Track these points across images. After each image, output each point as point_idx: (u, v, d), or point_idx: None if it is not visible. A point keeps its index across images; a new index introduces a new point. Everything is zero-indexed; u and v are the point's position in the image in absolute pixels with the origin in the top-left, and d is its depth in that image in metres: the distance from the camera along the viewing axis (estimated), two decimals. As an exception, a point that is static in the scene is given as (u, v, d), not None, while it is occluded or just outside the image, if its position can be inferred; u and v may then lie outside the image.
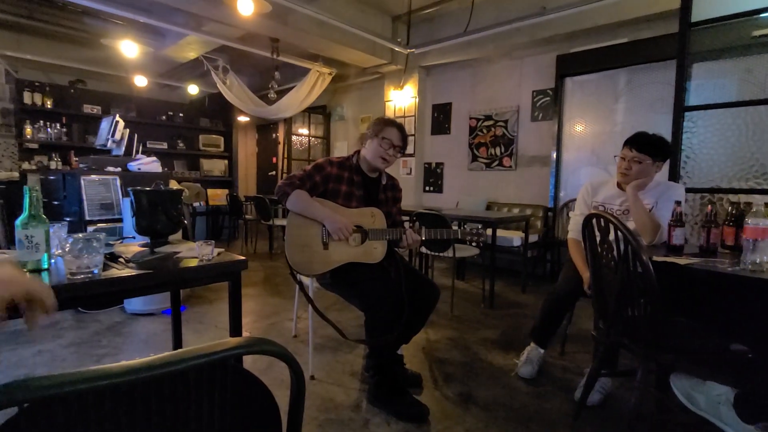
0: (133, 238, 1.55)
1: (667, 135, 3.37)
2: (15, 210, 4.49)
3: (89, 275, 1.00)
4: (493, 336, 2.71)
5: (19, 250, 1.03)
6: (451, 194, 5.36)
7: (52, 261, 1.11)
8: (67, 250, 0.99)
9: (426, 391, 1.99)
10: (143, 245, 1.43)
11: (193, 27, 4.41)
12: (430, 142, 5.59)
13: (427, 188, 5.66)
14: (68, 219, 3.20)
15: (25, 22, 4.78)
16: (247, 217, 5.85)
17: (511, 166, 4.75)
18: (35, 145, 5.50)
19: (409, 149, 5.56)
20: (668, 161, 2.16)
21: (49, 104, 5.59)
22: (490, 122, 4.91)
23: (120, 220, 3.08)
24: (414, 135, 5.48)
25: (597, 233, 1.53)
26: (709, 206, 1.76)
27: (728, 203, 2.33)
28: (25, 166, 5.43)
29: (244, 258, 1.28)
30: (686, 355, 1.34)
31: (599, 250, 1.51)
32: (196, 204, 6.07)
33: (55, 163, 5.56)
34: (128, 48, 4.62)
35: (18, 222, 1.03)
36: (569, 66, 4.18)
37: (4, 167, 5.45)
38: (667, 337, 1.38)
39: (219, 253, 1.32)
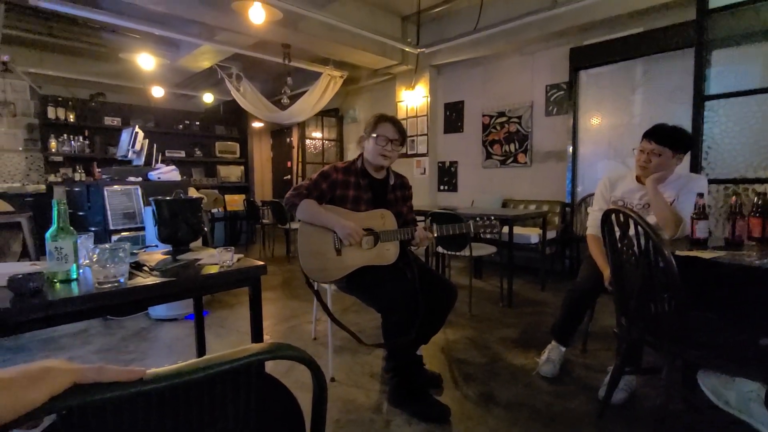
0: (156, 246, 1.59)
1: (688, 125, 3.29)
2: (43, 221, 4.66)
3: (116, 284, 1.04)
4: (513, 335, 2.68)
5: (50, 261, 1.08)
6: (465, 193, 5.33)
7: (81, 271, 1.15)
8: (94, 260, 1.02)
9: (446, 392, 1.99)
10: (166, 253, 1.47)
11: (207, 37, 4.50)
12: (443, 141, 5.57)
13: (441, 187, 5.64)
14: (93, 229, 3.30)
15: (46, 39, 4.95)
16: (264, 221, 5.93)
17: (526, 163, 4.69)
18: (60, 158, 5.69)
19: (423, 149, 5.55)
20: (689, 153, 2.11)
21: (71, 118, 5.79)
22: (504, 119, 4.86)
23: (142, 229, 3.17)
24: (427, 134, 5.47)
25: (616, 228, 1.50)
26: (734, 197, 1.72)
27: (754, 194, 2.26)
28: (51, 178, 5.62)
29: (263, 263, 1.31)
30: (713, 351, 1.30)
31: (619, 245, 1.49)
32: (214, 210, 6.18)
33: (79, 175, 5.74)
34: (145, 61, 4.74)
35: (48, 234, 1.07)
36: (583, 59, 4.12)
37: (32, 180, 5.65)
38: (692, 333, 1.35)
39: (239, 259, 1.35)
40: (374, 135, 1.92)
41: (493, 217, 1.94)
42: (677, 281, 1.24)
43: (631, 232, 1.41)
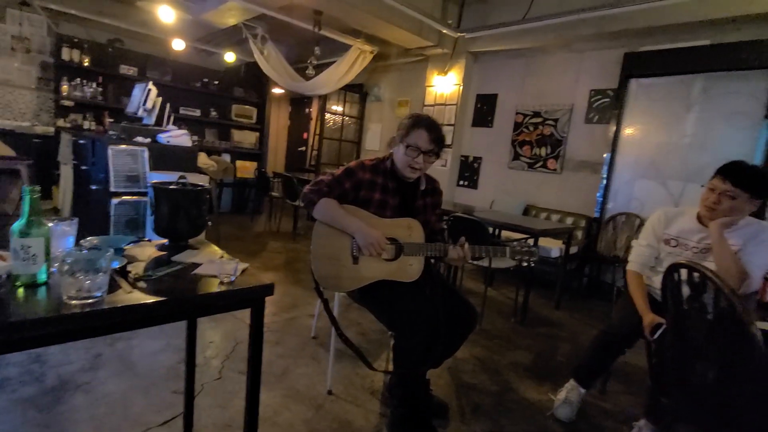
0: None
1: (745, 153, 3.02)
2: (48, 165, 4.48)
3: (90, 300, 0.84)
4: (526, 360, 2.50)
5: (14, 261, 0.88)
6: (486, 192, 5.07)
7: (53, 269, 0.95)
8: (65, 270, 0.83)
9: (452, 424, 1.81)
10: (161, 248, 1.27)
11: (235, -8, 4.20)
12: (470, 134, 5.28)
13: (461, 182, 5.38)
14: (95, 186, 3.13)
15: (66, -25, 4.67)
16: (273, 194, 5.74)
17: (556, 169, 4.42)
18: (70, 103, 5.47)
19: (447, 140, 5.26)
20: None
21: (86, 62, 5.53)
22: (538, 119, 4.56)
23: (146, 194, 2.98)
24: (453, 125, 5.17)
25: (684, 286, 1.28)
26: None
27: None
28: (60, 123, 5.43)
29: (270, 283, 1.11)
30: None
31: (686, 307, 1.27)
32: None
33: (89, 123, 5.54)
34: (165, 13, 4.45)
35: (15, 228, 0.87)
36: (637, 66, 3.78)
37: (42, 122, 5.47)
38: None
39: (243, 271, 1.15)
40: (405, 144, 1.68)
41: (532, 245, 1.72)
42: (764, 367, 1.03)
43: (706, 297, 1.18)
